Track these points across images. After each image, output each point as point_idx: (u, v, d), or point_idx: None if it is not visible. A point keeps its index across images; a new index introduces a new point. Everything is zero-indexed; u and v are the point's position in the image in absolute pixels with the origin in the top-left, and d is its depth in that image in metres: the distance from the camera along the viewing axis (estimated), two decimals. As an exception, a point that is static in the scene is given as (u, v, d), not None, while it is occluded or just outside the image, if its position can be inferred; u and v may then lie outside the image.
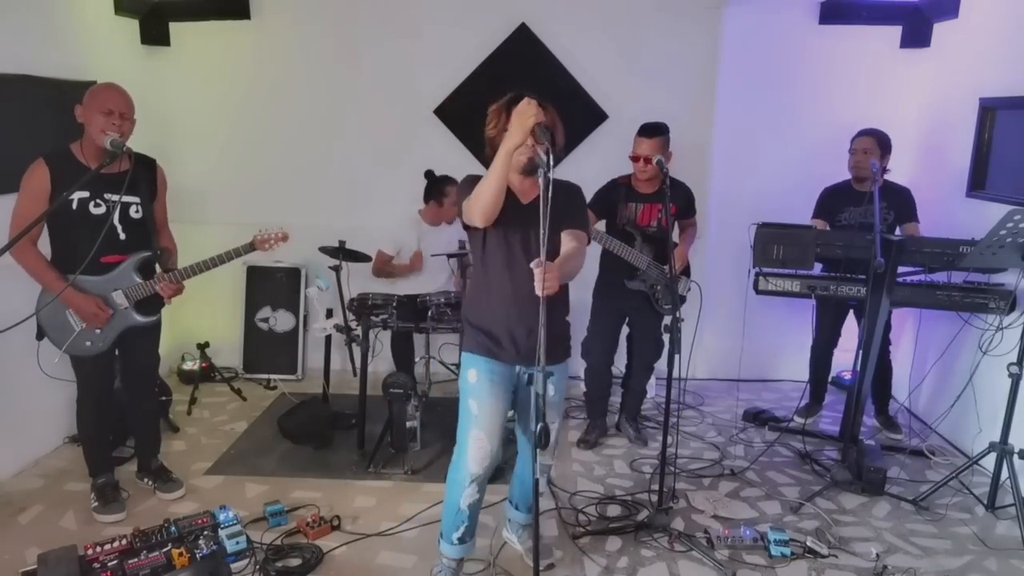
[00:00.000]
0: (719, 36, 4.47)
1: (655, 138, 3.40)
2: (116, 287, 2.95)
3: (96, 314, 2.89)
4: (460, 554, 2.62)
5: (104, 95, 2.79)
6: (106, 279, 2.93)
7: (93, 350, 2.98)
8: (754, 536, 2.95)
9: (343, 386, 4.47)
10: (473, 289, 2.59)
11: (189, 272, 3.02)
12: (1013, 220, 2.87)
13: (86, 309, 2.87)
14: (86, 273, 2.77)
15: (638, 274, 3.58)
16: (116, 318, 2.98)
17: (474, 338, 2.49)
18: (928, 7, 4.30)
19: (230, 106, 4.65)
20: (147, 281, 2.99)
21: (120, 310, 2.98)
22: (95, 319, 2.90)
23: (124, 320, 3.01)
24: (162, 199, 3.13)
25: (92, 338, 2.96)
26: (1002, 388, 3.21)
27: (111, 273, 2.94)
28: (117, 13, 4.19)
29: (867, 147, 3.76)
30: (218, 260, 3.05)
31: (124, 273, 2.96)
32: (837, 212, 3.90)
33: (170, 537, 2.76)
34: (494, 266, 2.42)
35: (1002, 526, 3.17)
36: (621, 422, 4.06)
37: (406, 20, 4.48)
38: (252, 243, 3.15)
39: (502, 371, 2.47)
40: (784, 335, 4.68)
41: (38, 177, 2.76)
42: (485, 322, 2.47)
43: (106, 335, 2.98)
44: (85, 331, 2.94)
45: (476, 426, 2.44)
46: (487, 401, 2.44)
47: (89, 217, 2.83)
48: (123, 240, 2.94)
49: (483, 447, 2.44)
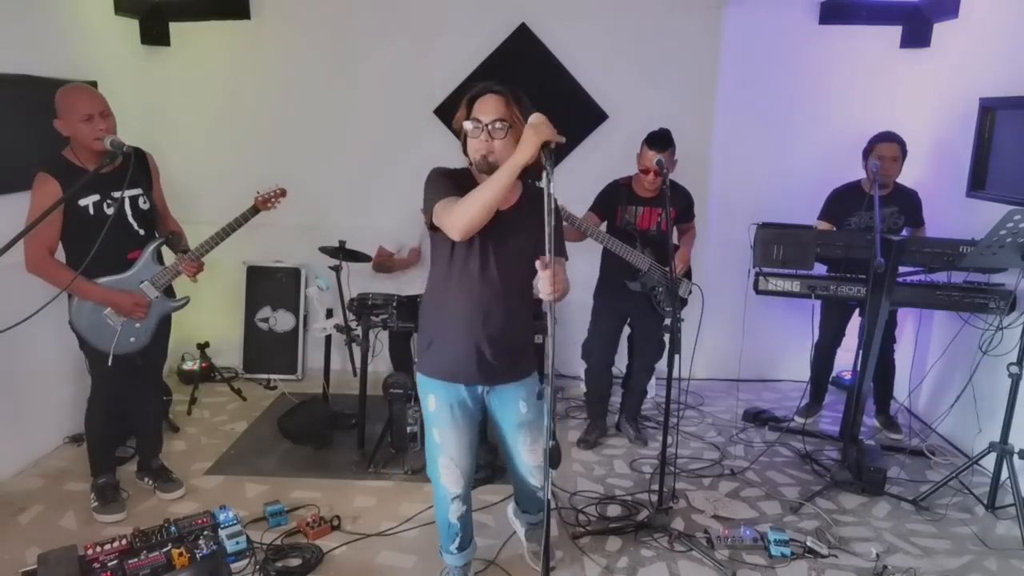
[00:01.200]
0: (719, 36, 4.46)
1: (668, 150, 3.36)
2: (142, 279, 3.00)
3: (137, 304, 2.94)
4: (462, 561, 2.62)
5: (76, 102, 2.74)
6: (131, 275, 2.98)
7: (137, 345, 3.03)
8: (754, 536, 2.95)
9: (343, 386, 4.46)
10: (433, 300, 2.35)
11: (205, 248, 3.10)
12: (1013, 220, 2.87)
13: (126, 303, 2.92)
14: (112, 272, 2.87)
15: (639, 275, 3.58)
16: (153, 307, 3.03)
17: (433, 358, 2.34)
18: (928, 7, 4.29)
19: (230, 106, 4.65)
20: (169, 266, 3.05)
21: (154, 300, 3.03)
22: (137, 309, 2.94)
23: (161, 308, 3.08)
24: (158, 186, 3.16)
25: (135, 333, 3.00)
26: (1002, 388, 3.21)
27: (134, 268, 2.99)
28: (117, 13, 4.19)
29: (895, 155, 3.70)
30: (227, 230, 3.16)
31: (146, 264, 3.02)
32: (847, 215, 3.86)
33: (170, 537, 2.76)
34: (465, 275, 2.24)
35: (1002, 526, 3.17)
36: (621, 422, 4.06)
37: (406, 20, 4.48)
38: (255, 206, 3.24)
39: (463, 396, 2.36)
40: (784, 335, 4.68)
41: (50, 190, 2.74)
42: (448, 337, 2.30)
43: (147, 326, 3.04)
44: (126, 328, 2.97)
45: (442, 454, 2.39)
46: (449, 431, 2.36)
47: (105, 219, 2.85)
48: (142, 235, 3.02)
49: (453, 472, 2.40)
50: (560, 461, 1.91)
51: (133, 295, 2.94)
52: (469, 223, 2.03)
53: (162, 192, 3.19)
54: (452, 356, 2.32)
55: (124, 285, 2.95)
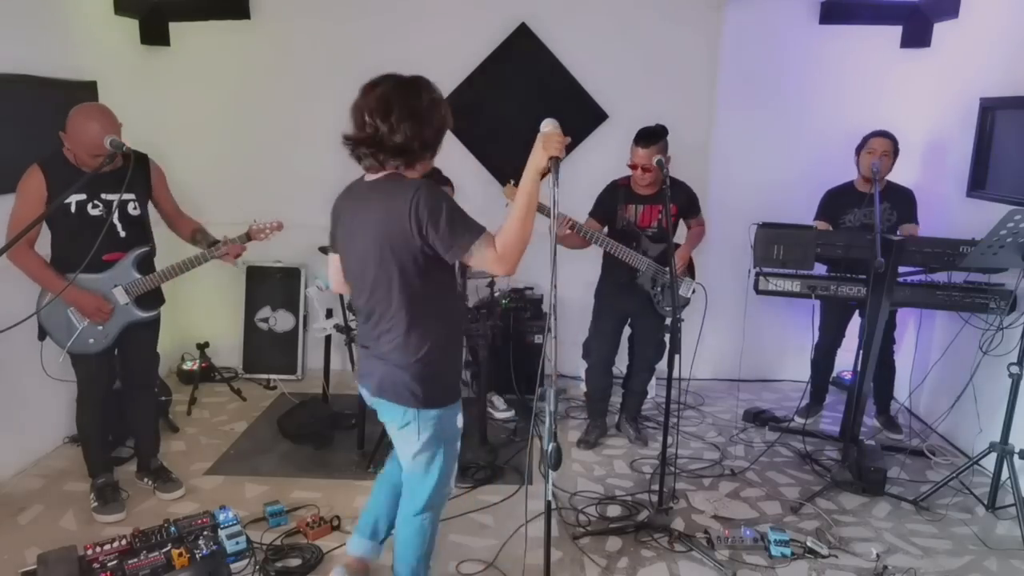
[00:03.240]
0: (719, 36, 4.46)
1: (652, 146, 3.38)
2: (116, 283, 2.98)
3: (98, 309, 2.92)
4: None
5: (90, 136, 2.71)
6: (106, 276, 2.96)
7: (96, 347, 3.00)
8: (754, 536, 2.95)
9: (343, 386, 4.46)
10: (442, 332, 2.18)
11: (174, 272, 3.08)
12: (1013, 220, 2.87)
13: (88, 306, 2.90)
14: (87, 271, 2.79)
15: (639, 275, 3.58)
16: (118, 314, 3.00)
17: (456, 385, 2.31)
18: (928, 7, 4.29)
19: (230, 106, 4.65)
20: (146, 276, 3.03)
21: (121, 306, 3.00)
22: (97, 314, 2.92)
23: (126, 316, 3.04)
24: (164, 190, 3.15)
25: (95, 335, 2.98)
26: (1002, 388, 3.21)
27: (111, 270, 2.97)
28: (117, 13, 4.19)
29: (886, 149, 3.73)
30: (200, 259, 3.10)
31: (124, 269, 2.99)
32: (841, 214, 3.89)
33: (170, 537, 2.75)
34: (453, 299, 2.32)
35: (1002, 526, 3.17)
36: (621, 422, 4.06)
37: (406, 20, 4.48)
38: (247, 234, 3.20)
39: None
40: (784, 335, 4.68)
41: (34, 182, 2.78)
42: (457, 364, 2.36)
43: (108, 331, 3.00)
44: (87, 329, 2.96)
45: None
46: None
47: (87, 218, 2.86)
48: (123, 237, 2.98)
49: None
50: (560, 463, 1.89)
51: (97, 298, 2.92)
52: (521, 255, 1.97)
53: (171, 195, 3.19)
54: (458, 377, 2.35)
55: (97, 285, 2.94)
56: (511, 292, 4.48)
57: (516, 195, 1.97)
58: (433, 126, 2.07)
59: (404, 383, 2.13)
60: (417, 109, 2.04)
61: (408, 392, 2.14)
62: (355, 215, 2.16)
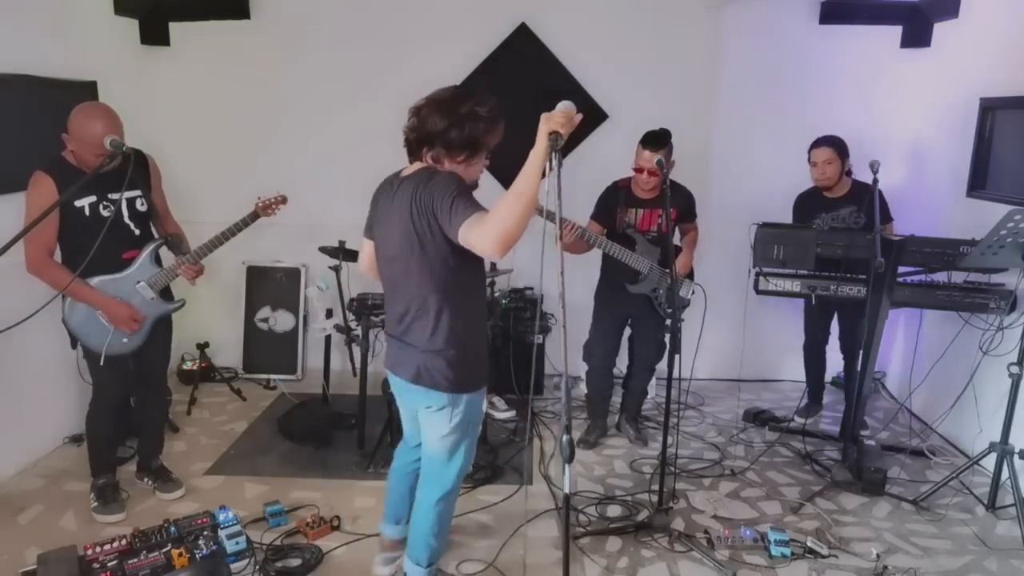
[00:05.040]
0: (720, 36, 4.46)
1: (660, 150, 3.34)
2: (139, 280, 2.99)
3: (131, 319, 2.92)
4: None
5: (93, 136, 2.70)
6: (128, 274, 2.97)
7: (131, 345, 3.02)
8: (754, 536, 2.95)
9: (343, 386, 4.46)
10: (471, 319, 2.31)
11: (204, 251, 3.09)
12: (1013, 220, 2.87)
13: (122, 315, 2.90)
14: (109, 272, 2.86)
15: (639, 277, 3.58)
16: (149, 309, 3.03)
17: (484, 371, 2.42)
18: (928, 7, 4.29)
19: (230, 106, 4.64)
20: (167, 268, 3.04)
21: (148, 301, 3.02)
22: (130, 324, 2.93)
23: (156, 310, 3.06)
24: (159, 188, 3.16)
25: (128, 334, 2.99)
26: (1002, 388, 3.21)
27: (132, 268, 2.98)
28: (117, 13, 4.19)
29: (828, 158, 3.78)
30: (227, 235, 3.13)
31: (144, 265, 3.01)
32: (811, 218, 3.91)
33: (170, 537, 2.75)
34: (480, 289, 2.40)
35: (1002, 526, 3.17)
36: (621, 422, 4.06)
37: (406, 20, 4.48)
38: (255, 211, 3.22)
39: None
40: (784, 335, 4.67)
41: (45, 188, 2.74)
42: (483, 351, 2.42)
43: (142, 328, 3.03)
44: (120, 329, 2.96)
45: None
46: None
47: (102, 220, 2.84)
48: (137, 235, 3.01)
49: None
50: (574, 456, 1.87)
51: (130, 308, 2.93)
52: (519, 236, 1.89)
53: (163, 194, 3.18)
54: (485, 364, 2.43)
55: (120, 284, 2.94)
56: (511, 292, 4.48)
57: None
58: (464, 131, 2.16)
59: (439, 369, 2.24)
60: (454, 110, 2.16)
61: (443, 378, 2.25)
62: (389, 203, 2.28)
